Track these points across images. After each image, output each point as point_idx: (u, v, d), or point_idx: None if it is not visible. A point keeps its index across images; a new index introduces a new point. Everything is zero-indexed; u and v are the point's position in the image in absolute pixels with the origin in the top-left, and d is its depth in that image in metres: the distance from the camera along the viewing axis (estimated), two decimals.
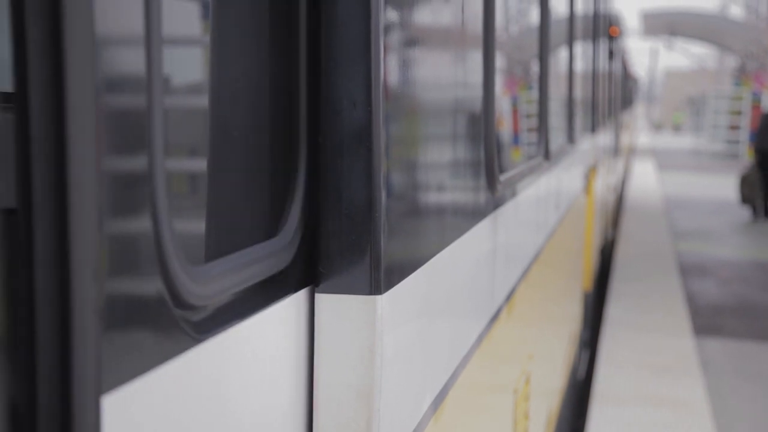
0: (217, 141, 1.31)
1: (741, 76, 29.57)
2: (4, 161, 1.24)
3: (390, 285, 1.43)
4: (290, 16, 1.37)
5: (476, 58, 2.28)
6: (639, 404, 6.42)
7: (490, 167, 2.34)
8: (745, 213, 17.15)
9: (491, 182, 2.36)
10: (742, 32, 28.93)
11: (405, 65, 1.59)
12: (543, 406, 4.03)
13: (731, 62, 37.80)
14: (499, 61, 3.37)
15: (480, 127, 2.29)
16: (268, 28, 1.37)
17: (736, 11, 43.73)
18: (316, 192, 1.40)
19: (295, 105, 1.38)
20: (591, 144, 7.51)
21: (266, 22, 1.36)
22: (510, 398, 2.86)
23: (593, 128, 7.73)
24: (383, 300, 1.39)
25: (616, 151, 14.46)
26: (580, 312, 6.82)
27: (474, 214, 2.18)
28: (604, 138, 9.91)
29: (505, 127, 3.86)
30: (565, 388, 5.50)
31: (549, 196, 4.03)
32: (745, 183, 16.66)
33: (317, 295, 1.40)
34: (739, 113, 30.42)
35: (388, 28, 1.45)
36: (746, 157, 28.38)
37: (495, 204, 2.45)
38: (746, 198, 16.66)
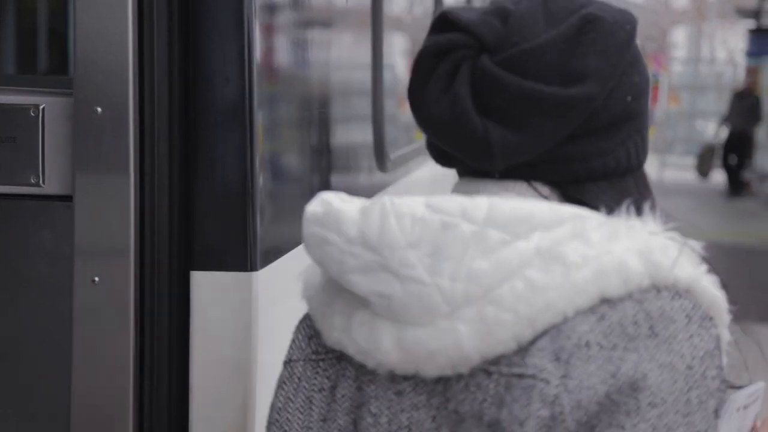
0: None
1: None
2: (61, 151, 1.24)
3: (267, 261, 1.43)
4: None
5: (364, 34, 2.28)
6: None
7: (379, 145, 2.35)
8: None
9: (381, 160, 2.37)
10: (642, 15, 29.54)
11: (283, 41, 1.58)
12: None
13: None
14: (398, 41, 3.37)
15: (369, 105, 2.29)
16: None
17: None
18: (191, 169, 1.39)
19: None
20: None
21: None
22: None
23: None
24: (259, 276, 1.39)
25: None
26: None
27: (362, 193, 2.18)
28: None
29: (406, 108, 3.87)
30: None
31: (444, 175, 4.06)
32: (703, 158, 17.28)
33: (192, 273, 1.39)
34: None
35: (263, 2, 1.44)
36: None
37: (385, 182, 2.46)
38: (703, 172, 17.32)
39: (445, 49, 1.02)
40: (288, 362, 1.11)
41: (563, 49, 1.00)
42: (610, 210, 1.01)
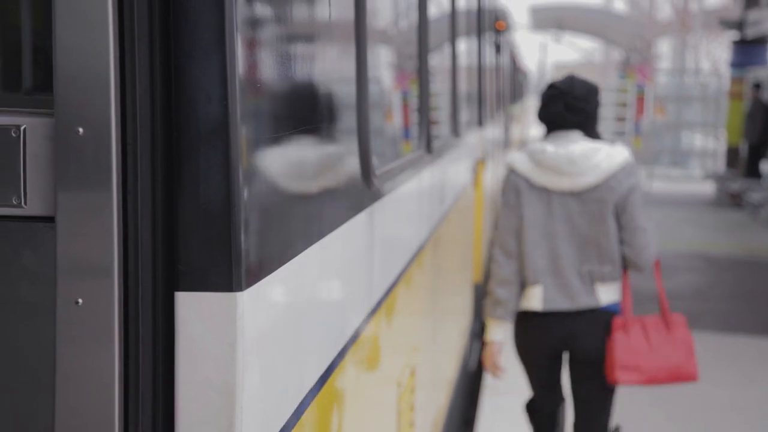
0: None
1: (626, 68, 30.31)
2: (43, 172, 1.22)
3: (252, 282, 1.41)
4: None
5: (348, 50, 2.27)
6: (530, 393, 6.50)
7: (365, 161, 2.34)
8: None
9: (366, 176, 2.36)
10: (626, 27, 29.68)
11: (265, 58, 1.57)
12: (431, 398, 4.05)
13: (616, 56, 38.78)
14: (385, 56, 3.36)
15: (353, 120, 2.28)
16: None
17: (620, 6, 44.88)
18: (175, 189, 1.37)
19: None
20: (478, 137, 7.58)
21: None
22: (393, 391, 2.87)
23: (480, 122, 7.80)
24: (244, 297, 1.38)
25: (506, 143, 14.63)
26: (470, 304, 6.89)
27: (348, 209, 2.17)
28: (492, 131, 10.01)
29: (393, 121, 3.87)
30: (457, 380, 5.55)
31: (433, 190, 4.06)
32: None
33: (177, 293, 1.37)
34: (624, 105, 31.20)
35: (245, 19, 1.43)
36: (633, 146, 29.09)
37: (371, 198, 2.45)
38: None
39: (554, 93, 4.24)
40: (522, 192, 4.16)
41: (589, 94, 4.25)
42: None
